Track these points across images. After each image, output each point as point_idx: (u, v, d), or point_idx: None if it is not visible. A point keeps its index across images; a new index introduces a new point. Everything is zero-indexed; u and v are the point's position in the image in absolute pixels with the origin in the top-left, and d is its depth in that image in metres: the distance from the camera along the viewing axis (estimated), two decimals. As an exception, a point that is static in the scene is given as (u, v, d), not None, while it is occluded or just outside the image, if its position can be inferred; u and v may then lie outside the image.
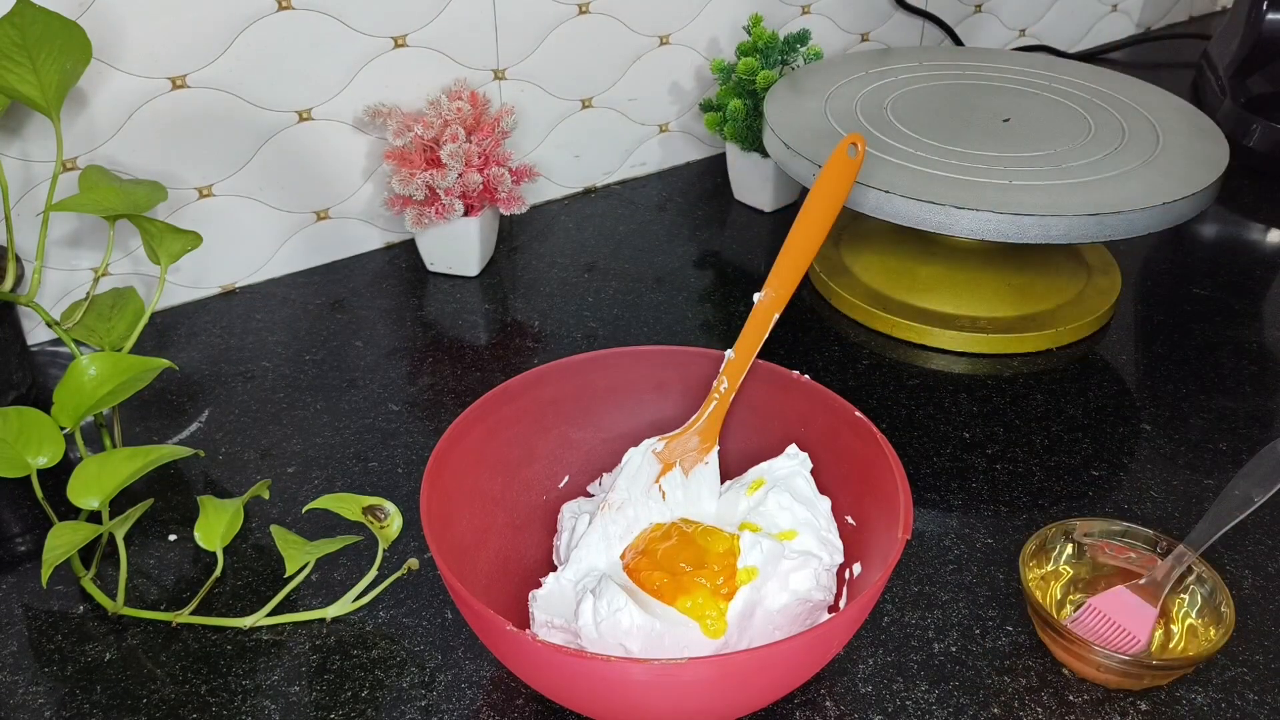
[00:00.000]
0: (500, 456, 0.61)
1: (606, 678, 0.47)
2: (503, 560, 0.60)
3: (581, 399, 0.64)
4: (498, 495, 0.61)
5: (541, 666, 0.49)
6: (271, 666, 0.58)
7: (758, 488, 0.60)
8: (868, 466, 0.57)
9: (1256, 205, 1.05)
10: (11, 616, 0.62)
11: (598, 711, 0.52)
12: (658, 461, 0.62)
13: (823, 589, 0.56)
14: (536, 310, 0.88)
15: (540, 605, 0.56)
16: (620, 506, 0.60)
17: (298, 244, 0.91)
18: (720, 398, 0.63)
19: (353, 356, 0.82)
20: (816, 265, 0.90)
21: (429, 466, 0.55)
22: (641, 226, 0.99)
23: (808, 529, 0.58)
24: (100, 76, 0.77)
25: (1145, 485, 0.71)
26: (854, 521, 0.59)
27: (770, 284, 0.63)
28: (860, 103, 0.90)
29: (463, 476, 0.58)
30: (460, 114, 0.87)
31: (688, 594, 0.54)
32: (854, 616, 0.50)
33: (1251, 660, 0.59)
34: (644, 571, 0.56)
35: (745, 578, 0.55)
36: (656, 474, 0.62)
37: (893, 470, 0.55)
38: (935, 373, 0.81)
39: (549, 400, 0.63)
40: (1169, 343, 0.85)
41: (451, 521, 0.56)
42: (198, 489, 0.71)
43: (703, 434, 0.63)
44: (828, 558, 0.57)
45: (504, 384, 0.61)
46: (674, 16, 1.01)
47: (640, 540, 0.58)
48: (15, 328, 0.75)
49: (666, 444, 0.62)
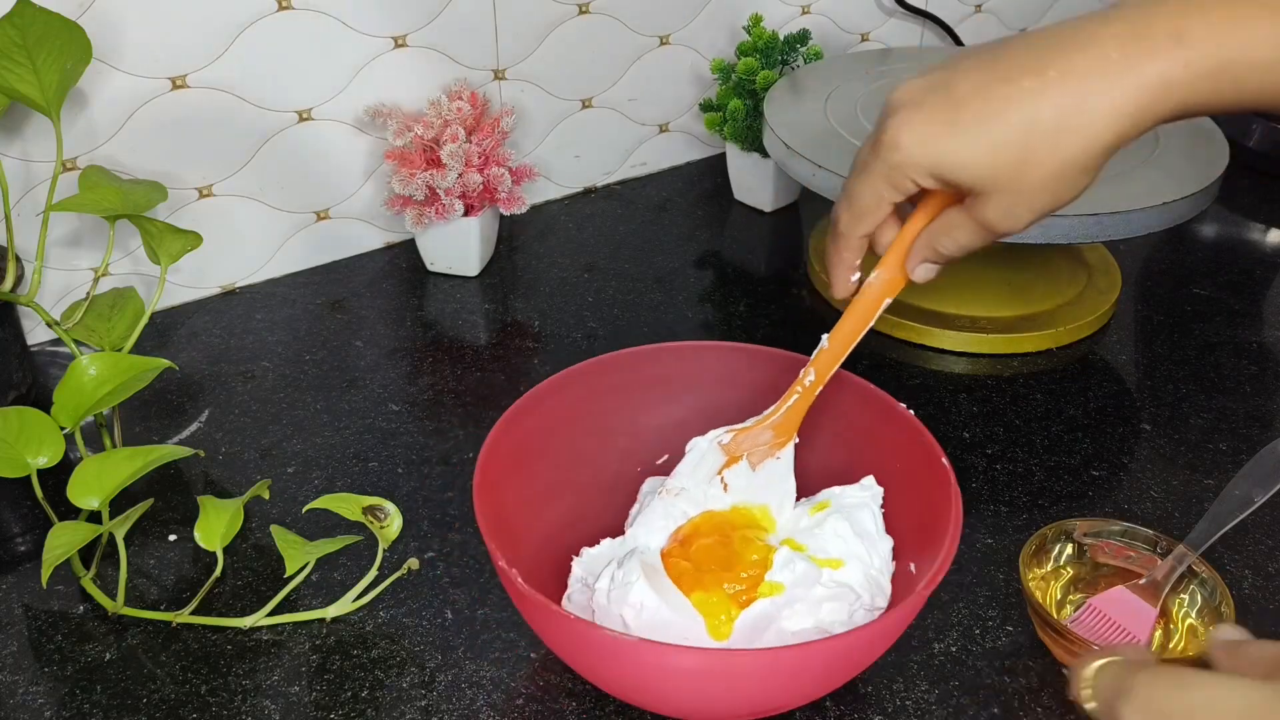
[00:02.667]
0: (599, 421, 0.62)
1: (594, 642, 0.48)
2: (577, 518, 0.61)
3: (691, 384, 0.64)
4: (591, 456, 0.63)
5: (527, 609, 0.51)
6: (271, 666, 0.58)
7: (821, 509, 0.58)
8: (935, 514, 0.54)
9: (1256, 205, 1.05)
10: (11, 616, 0.62)
11: (600, 674, 0.53)
12: (722, 454, 0.60)
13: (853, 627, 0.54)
14: (536, 310, 0.88)
15: (582, 562, 0.58)
16: (678, 494, 0.59)
17: (298, 244, 0.91)
18: (804, 391, 0.57)
19: (353, 356, 0.82)
20: (816, 265, 0.90)
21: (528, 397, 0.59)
22: (641, 226, 0.99)
23: (856, 563, 0.55)
24: (100, 76, 0.77)
25: (1145, 485, 0.71)
26: (915, 569, 0.55)
27: (883, 263, 0.53)
28: (860, 103, 0.90)
29: (551, 431, 0.60)
30: (460, 114, 0.87)
31: (705, 589, 0.54)
32: (853, 658, 0.50)
33: (1251, 660, 0.59)
34: (674, 557, 0.56)
35: (767, 591, 0.54)
36: (720, 465, 0.60)
37: (949, 523, 0.52)
38: (935, 373, 0.81)
39: (659, 377, 0.64)
40: (1169, 343, 0.85)
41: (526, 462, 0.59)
42: (198, 489, 0.71)
43: (778, 429, 0.59)
44: (868, 598, 0.55)
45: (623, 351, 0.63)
46: (674, 16, 1.01)
47: (686, 527, 0.58)
48: (15, 328, 0.75)
49: (734, 437, 0.60)
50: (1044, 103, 0.44)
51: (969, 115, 0.45)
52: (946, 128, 0.45)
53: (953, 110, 0.45)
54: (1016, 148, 0.44)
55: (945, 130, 0.45)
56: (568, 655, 0.53)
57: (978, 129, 0.45)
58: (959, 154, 0.45)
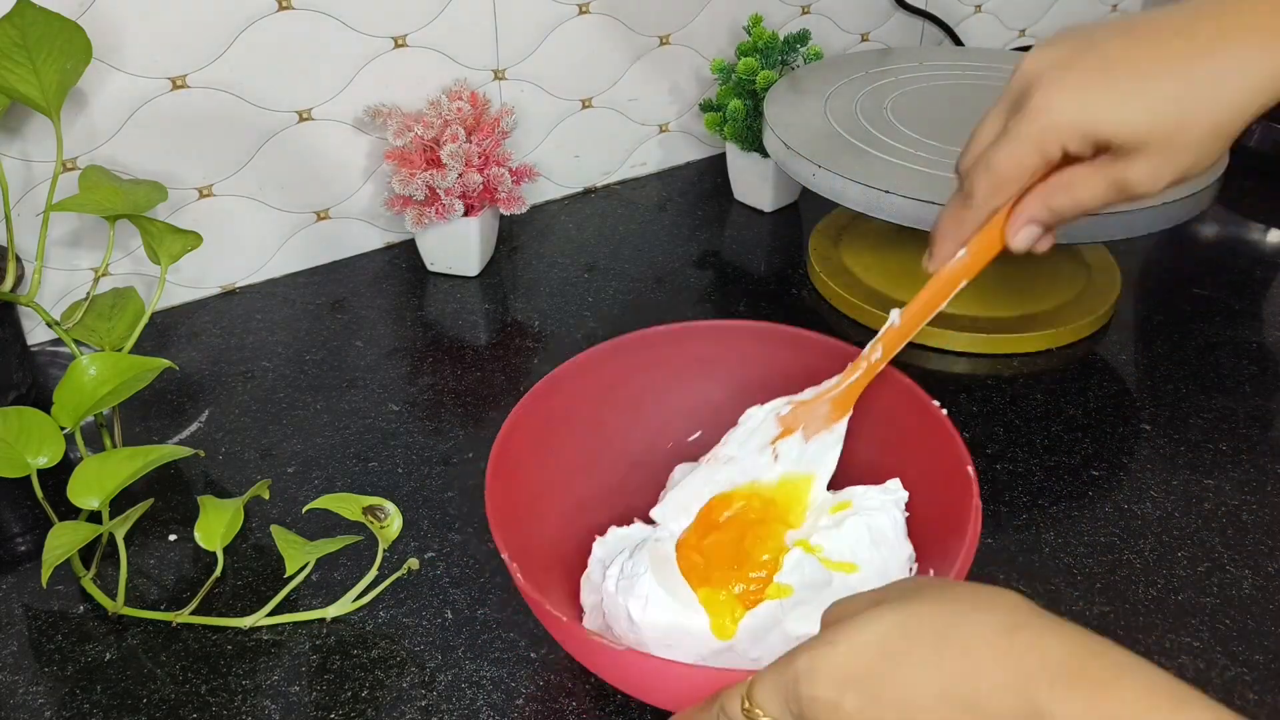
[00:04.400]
0: (631, 397, 0.63)
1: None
2: (605, 495, 0.61)
3: (727, 363, 0.64)
4: (621, 431, 0.63)
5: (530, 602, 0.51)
6: (271, 666, 0.58)
7: (841, 509, 0.57)
8: (957, 524, 0.53)
9: (1256, 205, 1.05)
10: (11, 616, 0.62)
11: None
12: (778, 425, 0.59)
13: None
14: (536, 310, 0.88)
15: (604, 543, 0.59)
16: (728, 461, 0.59)
17: (298, 244, 0.91)
18: (868, 367, 0.57)
19: (353, 356, 0.82)
20: (816, 265, 0.90)
21: (552, 375, 0.59)
22: (641, 226, 0.99)
23: (871, 570, 0.55)
24: (100, 76, 0.77)
25: (1145, 485, 0.71)
26: (933, 574, 0.55)
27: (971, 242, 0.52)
28: (860, 103, 0.90)
29: (578, 407, 0.61)
30: (460, 114, 0.87)
31: (713, 586, 0.54)
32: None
33: (1251, 660, 0.59)
34: (686, 549, 0.56)
35: (775, 593, 0.54)
36: (774, 436, 0.59)
37: (966, 537, 0.50)
38: (935, 373, 0.81)
39: (693, 356, 0.64)
40: (1169, 343, 0.85)
41: (550, 439, 0.59)
42: (198, 489, 0.71)
43: (836, 402, 0.58)
44: None
45: (652, 329, 0.63)
46: (674, 16, 1.01)
47: (703, 512, 0.58)
48: (15, 328, 0.75)
49: (794, 409, 0.59)
50: (1200, 63, 0.44)
51: (1124, 74, 0.44)
52: (1103, 88, 0.45)
53: (1106, 70, 0.45)
54: (1175, 106, 0.44)
55: (1101, 90, 0.45)
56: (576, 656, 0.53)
57: (1137, 87, 0.44)
58: (1118, 111, 0.45)
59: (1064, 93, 0.45)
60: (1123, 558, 0.65)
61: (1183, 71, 0.44)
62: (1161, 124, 0.44)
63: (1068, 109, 0.45)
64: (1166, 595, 0.63)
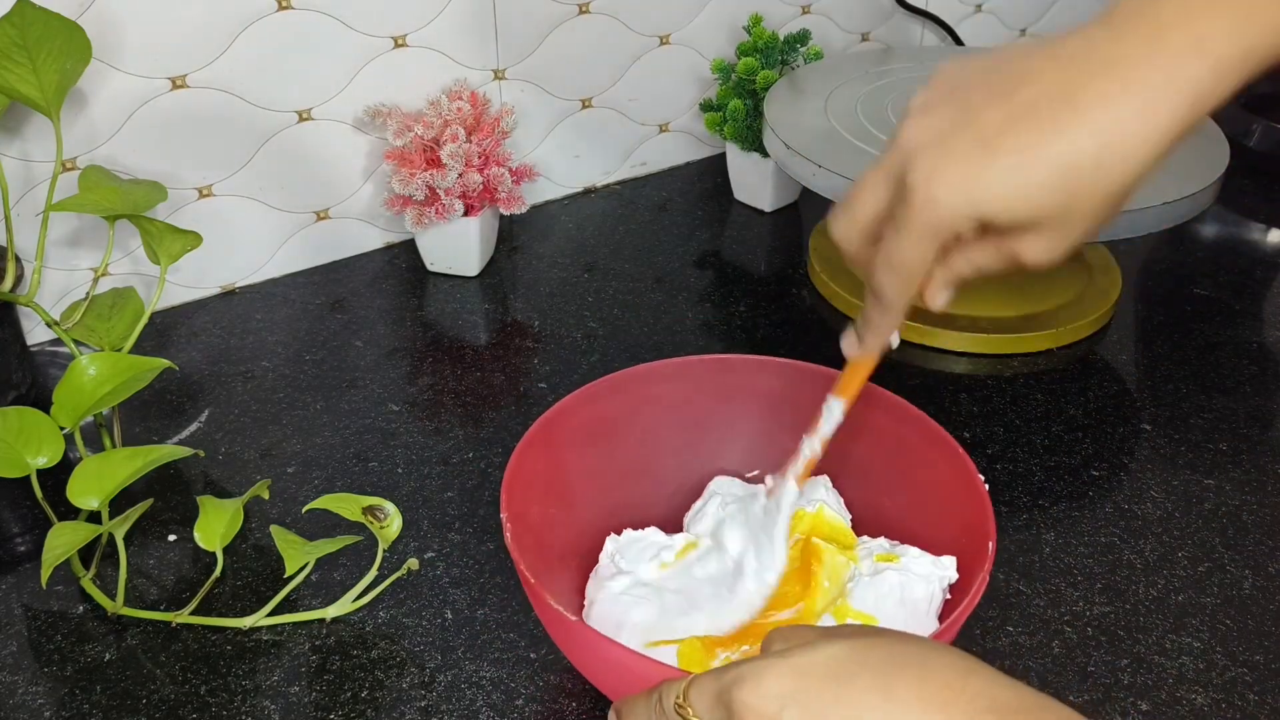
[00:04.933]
0: (678, 414, 0.63)
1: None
2: (628, 503, 0.62)
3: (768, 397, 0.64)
4: (679, 445, 0.64)
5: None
6: (271, 667, 0.58)
7: (887, 560, 0.56)
8: (968, 560, 0.53)
9: (1256, 205, 1.05)
10: (11, 616, 0.62)
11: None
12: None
13: None
14: (536, 310, 0.88)
15: (618, 542, 0.59)
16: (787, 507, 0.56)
17: (298, 244, 0.91)
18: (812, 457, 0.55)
19: (353, 356, 0.82)
20: (816, 265, 0.90)
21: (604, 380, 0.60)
22: (641, 226, 0.99)
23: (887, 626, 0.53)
24: (100, 76, 0.77)
25: (1145, 485, 0.71)
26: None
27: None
28: (860, 103, 0.90)
29: (623, 415, 0.61)
30: (460, 114, 0.87)
31: (698, 655, 0.53)
32: None
33: (1251, 660, 0.59)
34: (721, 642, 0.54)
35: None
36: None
37: (978, 578, 0.50)
38: (935, 373, 0.81)
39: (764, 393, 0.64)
40: (1169, 343, 0.85)
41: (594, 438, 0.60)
42: (198, 489, 0.71)
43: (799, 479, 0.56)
44: None
45: (720, 357, 0.64)
46: (674, 16, 1.01)
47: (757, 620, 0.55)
48: (15, 328, 0.75)
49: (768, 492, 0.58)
50: (1082, 135, 0.41)
51: (1005, 152, 0.42)
52: (983, 170, 0.42)
53: (985, 149, 0.42)
54: (1061, 183, 0.42)
55: (982, 173, 0.42)
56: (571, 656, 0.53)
57: (1017, 167, 0.42)
58: (1002, 196, 0.42)
59: (945, 182, 0.43)
60: (1123, 558, 0.65)
61: (1068, 145, 0.41)
62: (1049, 203, 0.42)
63: (954, 200, 0.43)
64: (1167, 595, 0.63)
